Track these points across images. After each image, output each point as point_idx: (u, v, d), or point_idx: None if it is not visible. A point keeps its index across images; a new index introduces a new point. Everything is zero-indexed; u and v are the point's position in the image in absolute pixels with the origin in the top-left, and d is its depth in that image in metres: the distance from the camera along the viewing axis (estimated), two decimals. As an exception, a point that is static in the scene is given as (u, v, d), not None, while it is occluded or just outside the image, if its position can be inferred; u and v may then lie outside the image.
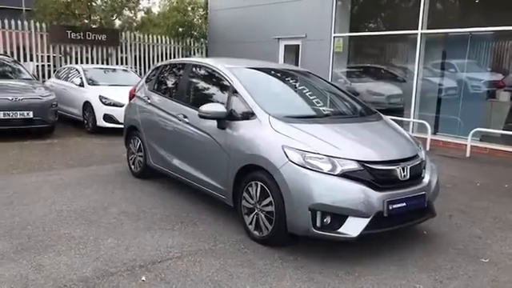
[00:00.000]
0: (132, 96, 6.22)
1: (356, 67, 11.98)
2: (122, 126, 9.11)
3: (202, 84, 5.19)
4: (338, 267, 3.52)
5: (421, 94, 10.11)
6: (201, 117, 4.34)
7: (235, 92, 4.38)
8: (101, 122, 9.41)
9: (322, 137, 3.81)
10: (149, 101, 5.69)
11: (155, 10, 19.05)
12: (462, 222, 4.71)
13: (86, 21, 14.50)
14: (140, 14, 17.54)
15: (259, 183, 3.87)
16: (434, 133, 9.45)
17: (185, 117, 4.88)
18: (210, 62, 5.06)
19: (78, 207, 4.72)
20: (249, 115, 4.14)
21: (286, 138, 3.77)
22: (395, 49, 11.70)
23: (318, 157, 3.60)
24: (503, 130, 8.78)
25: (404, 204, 3.69)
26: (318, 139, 3.77)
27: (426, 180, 3.99)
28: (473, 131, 8.30)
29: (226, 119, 4.25)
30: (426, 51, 9.94)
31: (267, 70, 5.21)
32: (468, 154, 8.30)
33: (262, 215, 3.86)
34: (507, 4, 8.96)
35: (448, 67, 10.19)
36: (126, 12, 15.83)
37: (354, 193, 3.52)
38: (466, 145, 8.38)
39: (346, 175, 3.55)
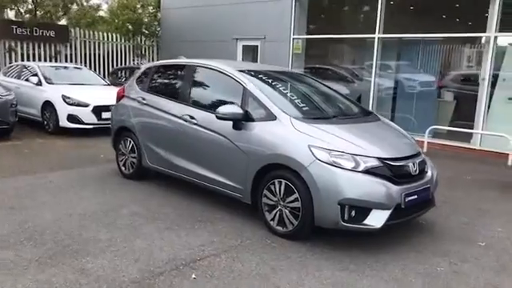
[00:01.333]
0: (121, 97, 6.11)
1: (314, 68, 12.45)
2: (86, 127, 9.05)
3: (209, 86, 5.25)
4: (364, 257, 3.82)
5: (378, 94, 10.79)
6: (218, 118, 4.44)
7: (249, 94, 4.52)
8: (64, 123, 9.02)
9: (341, 136, 4.09)
10: (144, 101, 5.65)
11: (104, 6, 18.39)
12: (447, 211, 5.22)
13: (29, 15, 13.73)
14: (91, 11, 16.79)
15: (283, 181, 4.06)
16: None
17: (192, 118, 4.93)
18: (217, 64, 5.09)
19: (86, 210, 4.63)
20: (267, 116, 4.31)
21: (311, 138, 4.00)
22: (353, 51, 12.36)
23: (343, 155, 3.88)
24: (449, 126, 9.67)
25: (416, 196, 4.08)
26: (340, 138, 4.05)
27: (429, 174, 4.43)
28: (429, 128, 9.04)
29: (243, 120, 4.40)
30: (382, 54, 10.61)
31: (270, 73, 5.31)
32: (425, 150, 9.03)
33: (287, 211, 4.06)
34: (453, 13, 9.89)
35: (402, 69, 10.99)
36: (74, 7, 15.16)
37: (377, 187, 3.84)
38: (423, 141, 9.10)
39: (368, 171, 3.86)
